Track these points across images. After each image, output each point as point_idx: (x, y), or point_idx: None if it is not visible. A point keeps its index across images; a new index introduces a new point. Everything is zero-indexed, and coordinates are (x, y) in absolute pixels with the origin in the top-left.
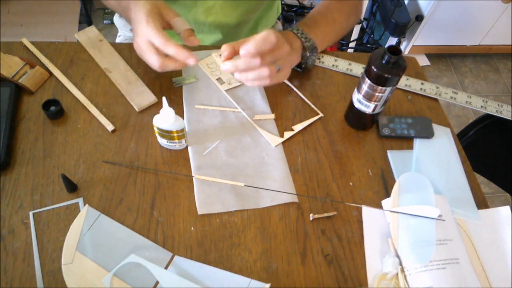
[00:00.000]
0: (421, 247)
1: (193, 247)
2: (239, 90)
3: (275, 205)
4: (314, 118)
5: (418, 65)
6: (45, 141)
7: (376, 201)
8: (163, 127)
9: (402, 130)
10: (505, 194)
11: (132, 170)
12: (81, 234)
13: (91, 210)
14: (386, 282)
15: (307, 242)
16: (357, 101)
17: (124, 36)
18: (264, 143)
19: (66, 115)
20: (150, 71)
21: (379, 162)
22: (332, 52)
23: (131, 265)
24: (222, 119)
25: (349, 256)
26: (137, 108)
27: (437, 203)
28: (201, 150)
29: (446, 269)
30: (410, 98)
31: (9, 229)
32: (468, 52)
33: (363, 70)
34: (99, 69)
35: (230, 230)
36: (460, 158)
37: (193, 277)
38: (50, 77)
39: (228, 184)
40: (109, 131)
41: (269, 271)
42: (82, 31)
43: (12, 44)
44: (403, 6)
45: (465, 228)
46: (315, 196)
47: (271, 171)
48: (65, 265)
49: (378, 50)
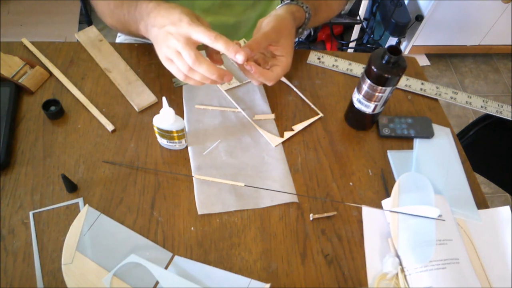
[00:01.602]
0: (421, 247)
1: (193, 247)
2: (239, 90)
3: (275, 205)
4: (314, 118)
5: (418, 65)
6: (45, 141)
7: (376, 201)
8: (163, 127)
9: (402, 130)
10: (505, 194)
11: (132, 170)
12: (81, 234)
13: (91, 210)
14: (386, 282)
15: (307, 242)
16: (357, 101)
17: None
18: (264, 143)
19: (66, 115)
20: (150, 71)
21: (379, 162)
22: (332, 52)
23: (131, 265)
24: (222, 119)
25: (349, 256)
26: (137, 108)
27: (437, 203)
28: (201, 150)
29: (446, 269)
30: (410, 98)
31: (9, 229)
32: (468, 52)
33: (363, 70)
34: (99, 69)
35: (230, 230)
36: (460, 158)
37: (193, 277)
38: (50, 77)
39: (228, 184)
40: (109, 131)
41: (269, 271)
42: (82, 31)
43: (12, 44)
44: (403, 6)
45: (465, 228)
46: (315, 196)
47: (271, 171)
48: (65, 265)
49: (378, 50)
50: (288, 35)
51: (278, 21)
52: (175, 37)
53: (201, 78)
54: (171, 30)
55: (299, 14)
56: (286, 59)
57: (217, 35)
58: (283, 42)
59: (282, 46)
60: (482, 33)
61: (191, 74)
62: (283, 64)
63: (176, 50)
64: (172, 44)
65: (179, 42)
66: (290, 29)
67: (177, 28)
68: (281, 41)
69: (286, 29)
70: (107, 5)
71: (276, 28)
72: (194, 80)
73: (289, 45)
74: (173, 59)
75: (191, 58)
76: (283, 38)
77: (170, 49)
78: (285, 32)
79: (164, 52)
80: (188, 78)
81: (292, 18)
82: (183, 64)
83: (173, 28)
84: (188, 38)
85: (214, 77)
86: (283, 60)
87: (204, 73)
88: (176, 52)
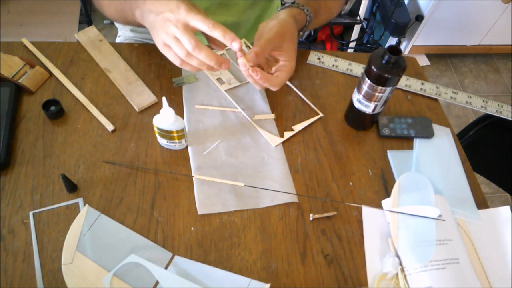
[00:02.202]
0: (421, 247)
1: (193, 247)
2: (239, 90)
3: (275, 205)
4: (314, 118)
5: (418, 65)
6: (45, 141)
7: (376, 201)
8: (163, 127)
9: (402, 130)
10: (505, 194)
11: (132, 170)
12: (81, 234)
13: (91, 210)
14: (386, 282)
15: (307, 242)
16: (357, 101)
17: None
18: (264, 143)
19: (66, 115)
20: (150, 71)
21: (379, 162)
22: (332, 52)
23: (131, 265)
24: (222, 119)
25: (349, 256)
26: (137, 108)
27: (437, 203)
28: (201, 150)
29: (446, 269)
30: (410, 98)
31: (9, 229)
32: (468, 52)
33: (363, 70)
34: (99, 69)
35: (230, 230)
36: (460, 158)
37: (193, 277)
38: (50, 77)
39: (228, 184)
40: (109, 131)
41: (269, 271)
42: (82, 31)
43: (12, 44)
44: (403, 6)
45: (465, 228)
46: (315, 196)
47: (271, 171)
48: (65, 265)
49: (378, 50)
50: (291, 39)
51: (281, 26)
52: (174, 23)
53: (199, 64)
54: (169, 16)
55: (301, 18)
56: (289, 64)
57: (214, 23)
58: (286, 47)
59: (285, 51)
60: (482, 33)
61: (188, 59)
62: (287, 68)
63: (174, 36)
64: (170, 30)
65: (178, 29)
66: (293, 34)
67: (176, 15)
68: (284, 45)
69: (288, 34)
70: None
71: (279, 33)
72: (191, 65)
73: (292, 49)
74: (171, 45)
75: (191, 45)
76: (286, 43)
77: (168, 35)
78: (288, 37)
79: (162, 38)
80: (185, 64)
81: (294, 22)
82: (181, 50)
83: (171, 15)
84: (186, 25)
85: (213, 64)
86: (286, 64)
87: (204, 60)
88: (175, 38)
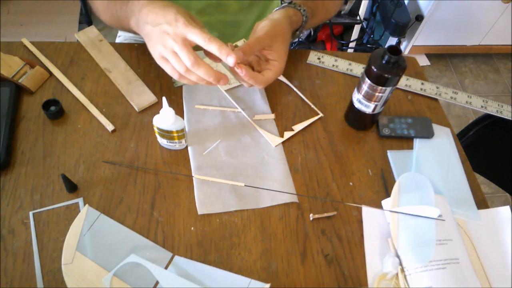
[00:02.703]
0: (421, 247)
1: (193, 247)
2: (239, 90)
3: (275, 205)
4: (314, 118)
5: (418, 65)
6: (45, 141)
7: (376, 201)
8: (163, 127)
9: (402, 130)
10: (505, 194)
11: (132, 170)
12: (81, 234)
13: (91, 210)
14: (386, 282)
15: (307, 242)
16: (357, 101)
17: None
18: (264, 143)
19: (66, 115)
20: (150, 71)
21: (379, 162)
22: (332, 52)
23: (131, 265)
24: (222, 119)
25: (349, 256)
26: (137, 108)
27: (437, 203)
28: (201, 150)
29: (446, 269)
30: (410, 98)
31: (9, 229)
32: (468, 52)
33: (363, 70)
34: (99, 69)
35: (230, 230)
36: (460, 158)
37: (193, 277)
38: (50, 77)
39: (228, 184)
40: (109, 131)
41: (269, 271)
42: (82, 31)
43: (12, 44)
44: (403, 6)
45: (465, 228)
46: (315, 196)
47: (271, 171)
48: (65, 265)
49: (378, 50)
50: (282, 40)
51: (273, 26)
52: (172, 37)
53: (197, 79)
54: (167, 29)
55: (296, 18)
56: (278, 64)
57: (210, 37)
58: (277, 47)
59: (276, 50)
60: (482, 33)
61: (187, 74)
62: (275, 68)
63: (172, 50)
64: (168, 44)
65: (176, 43)
66: (285, 34)
67: (174, 28)
68: (274, 45)
69: (280, 34)
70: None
71: (270, 33)
72: (189, 80)
73: (282, 50)
74: (169, 59)
75: (190, 61)
76: (277, 43)
77: (166, 48)
78: (279, 37)
79: (160, 51)
80: (183, 78)
81: (289, 23)
82: (180, 65)
83: (169, 27)
84: (185, 39)
85: (211, 80)
86: (275, 64)
87: (202, 76)
88: (173, 53)
